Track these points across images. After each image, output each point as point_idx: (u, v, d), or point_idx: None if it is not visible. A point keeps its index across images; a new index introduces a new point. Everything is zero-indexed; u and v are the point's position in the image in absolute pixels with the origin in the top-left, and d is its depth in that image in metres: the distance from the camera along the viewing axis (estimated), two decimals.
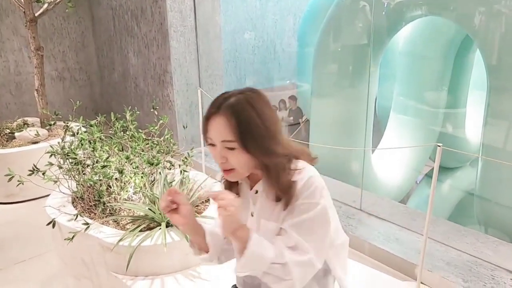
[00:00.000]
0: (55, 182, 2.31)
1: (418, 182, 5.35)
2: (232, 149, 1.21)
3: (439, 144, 2.22)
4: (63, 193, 2.41)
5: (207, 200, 2.41)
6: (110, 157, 2.20)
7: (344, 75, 4.00)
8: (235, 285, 1.60)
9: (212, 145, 1.25)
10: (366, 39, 3.73)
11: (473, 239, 2.81)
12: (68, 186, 2.39)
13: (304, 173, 1.27)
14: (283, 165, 1.25)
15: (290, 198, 1.25)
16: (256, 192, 1.34)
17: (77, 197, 2.42)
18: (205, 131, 1.25)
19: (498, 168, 3.13)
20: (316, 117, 4.36)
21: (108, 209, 2.24)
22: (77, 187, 2.37)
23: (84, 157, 2.23)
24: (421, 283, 2.43)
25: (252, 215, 1.36)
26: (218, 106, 1.22)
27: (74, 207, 2.34)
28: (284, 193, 1.25)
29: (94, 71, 5.53)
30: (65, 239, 2.07)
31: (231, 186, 1.39)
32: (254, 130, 1.20)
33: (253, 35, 5.85)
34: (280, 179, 1.25)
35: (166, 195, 1.22)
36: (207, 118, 1.24)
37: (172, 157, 2.39)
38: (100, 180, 2.15)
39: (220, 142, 1.22)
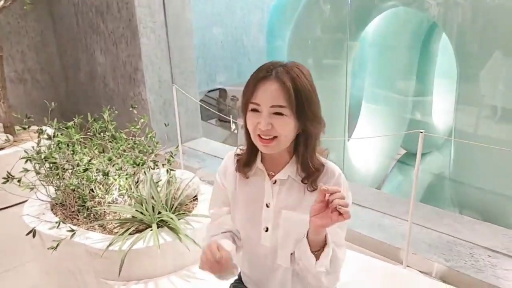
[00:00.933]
0: (32, 189, 2.19)
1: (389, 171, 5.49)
2: (280, 115, 1.20)
3: (421, 131, 2.29)
4: (41, 200, 2.29)
5: (195, 198, 2.37)
6: (92, 160, 2.11)
7: (320, 67, 4.03)
8: (234, 283, 1.58)
9: (256, 111, 1.22)
10: (341, 31, 3.77)
11: (450, 220, 2.91)
12: (47, 192, 2.27)
13: (333, 164, 1.33)
14: (319, 136, 1.29)
15: (319, 175, 1.29)
16: (275, 182, 1.33)
17: (56, 204, 2.31)
18: (251, 95, 1.21)
19: (471, 152, 3.26)
20: None
21: (91, 214, 2.15)
22: (56, 193, 2.26)
23: (63, 161, 2.12)
24: (407, 266, 2.50)
25: (267, 206, 1.34)
26: (269, 71, 1.21)
27: (54, 214, 2.24)
28: (314, 167, 1.28)
29: (58, 72, 5.28)
30: (48, 248, 1.97)
31: (244, 170, 1.36)
32: (308, 96, 1.21)
33: (222, 31, 5.79)
34: (315, 152, 1.29)
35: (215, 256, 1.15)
36: (257, 82, 1.21)
37: (156, 156, 2.32)
38: (82, 184, 2.06)
39: (269, 107, 1.19)
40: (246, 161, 1.34)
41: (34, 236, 2.05)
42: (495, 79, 3.03)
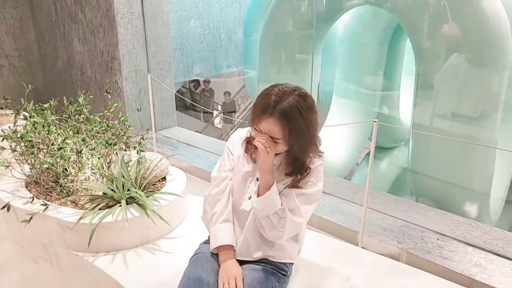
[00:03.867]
0: (7, 166, 2.30)
1: (358, 164, 5.71)
2: (275, 142, 1.55)
3: (375, 120, 2.49)
4: (16, 177, 2.40)
5: (164, 179, 2.51)
6: (66, 140, 2.23)
7: (289, 61, 4.20)
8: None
9: (259, 131, 1.56)
10: (309, 27, 3.95)
11: (406, 207, 3.12)
12: (21, 170, 2.38)
13: (316, 162, 1.67)
14: (307, 159, 1.65)
15: (302, 178, 1.65)
16: None
17: (30, 182, 2.42)
18: (256, 121, 1.56)
19: (426, 145, 3.49)
20: None
21: (65, 191, 2.27)
22: (31, 170, 2.37)
23: (38, 141, 2.24)
24: (362, 247, 2.69)
25: (257, 180, 1.69)
26: (273, 107, 1.51)
27: (29, 191, 2.35)
28: (299, 174, 1.65)
29: (35, 59, 5.32)
30: (22, 221, 2.09)
31: (249, 150, 1.73)
32: (300, 136, 1.55)
33: (199, 23, 5.90)
34: (303, 166, 1.65)
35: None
36: (262, 116, 1.53)
37: (127, 138, 2.45)
38: (56, 162, 2.18)
39: (268, 136, 1.54)
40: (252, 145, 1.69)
41: (8, 210, 2.17)
42: (450, 77, 3.25)
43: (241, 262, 1.74)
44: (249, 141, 1.73)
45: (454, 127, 3.30)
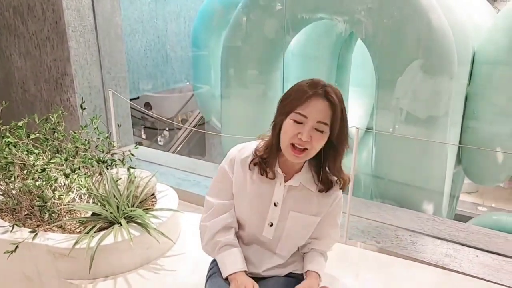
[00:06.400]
0: None
1: None
2: (321, 132, 1.31)
3: (357, 127, 2.62)
4: None
5: (153, 195, 2.39)
6: (51, 159, 2.04)
7: (254, 75, 4.26)
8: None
9: (299, 123, 1.31)
10: (276, 40, 4.05)
11: (376, 209, 3.31)
12: None
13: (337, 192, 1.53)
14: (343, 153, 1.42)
15: (341, 182, 1.48)
16: (285, 185, 1.47)
17: (1, 209, 2.17)
18: (299, 106, 1.31)
19: (389, 152, 3.74)
20: (227, 117, 4.56)
21: (46, 217, 2.06)
22: (3, 196, 2.13)
23: (17, 162, 2.02)
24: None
25: (275, 205, 1.48)
26: (323, 86, 1.32)
27: (1, 219, 2.11)
28: (336, 174, 1.46)
29: None
30: (4, 253, 1.86)
31: (265, 170, 1.47)
32: (346, 117, 1.35)
33: (145, 39, 5.75)
34: (338, 163, 1.43)
35: None
36: (309, 96, 1.30)
37: (112, 155, 2.31)
38: (40, 184, 1.98)
39: (316, 122, 1.30)
40: (270, 163, 1.45)
41: None
42: (408, 87, 3.52)
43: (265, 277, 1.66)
44: (263, 157, 1.47)
45: (411, 131, 3.57)
